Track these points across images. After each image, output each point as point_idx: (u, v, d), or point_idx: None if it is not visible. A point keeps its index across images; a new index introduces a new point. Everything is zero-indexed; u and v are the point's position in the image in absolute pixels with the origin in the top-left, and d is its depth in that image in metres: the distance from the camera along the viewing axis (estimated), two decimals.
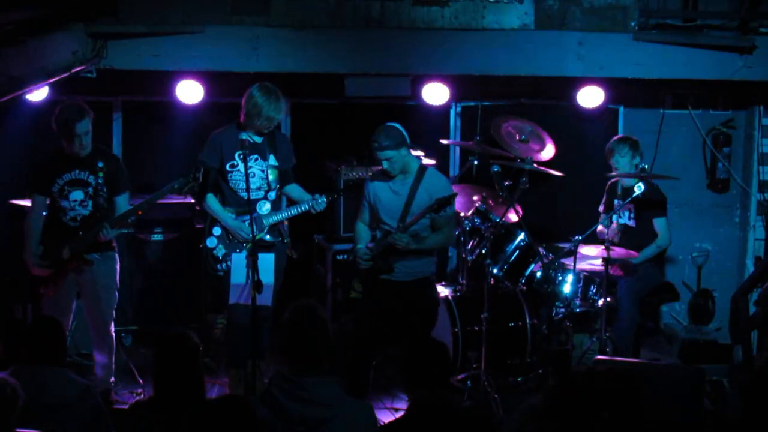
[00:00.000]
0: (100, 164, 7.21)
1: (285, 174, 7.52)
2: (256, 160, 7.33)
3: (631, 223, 8.31)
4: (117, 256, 7.44)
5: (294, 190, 7.60)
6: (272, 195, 7.45)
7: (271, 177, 7.39)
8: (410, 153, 7.23)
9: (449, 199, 6.94)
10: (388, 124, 7.13)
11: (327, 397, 4.96)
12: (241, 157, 7.22)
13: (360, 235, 7.44)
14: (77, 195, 7.17)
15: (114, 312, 7.44)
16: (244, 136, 7.19)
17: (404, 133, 7.11)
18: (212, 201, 7.40)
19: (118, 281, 7.46)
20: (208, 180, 7.30)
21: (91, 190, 7.18)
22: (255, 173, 7.32)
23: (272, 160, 7.39)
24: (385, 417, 7.31)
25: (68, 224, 7.18)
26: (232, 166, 7.31)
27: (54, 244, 7.14)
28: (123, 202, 7.33)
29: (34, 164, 7.36)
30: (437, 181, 7.26)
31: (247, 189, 7.01)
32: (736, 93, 9.61)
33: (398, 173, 7.16)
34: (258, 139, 7.34)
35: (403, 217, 7.14)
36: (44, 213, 7.25)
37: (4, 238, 8.51)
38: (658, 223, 8.25)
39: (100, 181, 7.20)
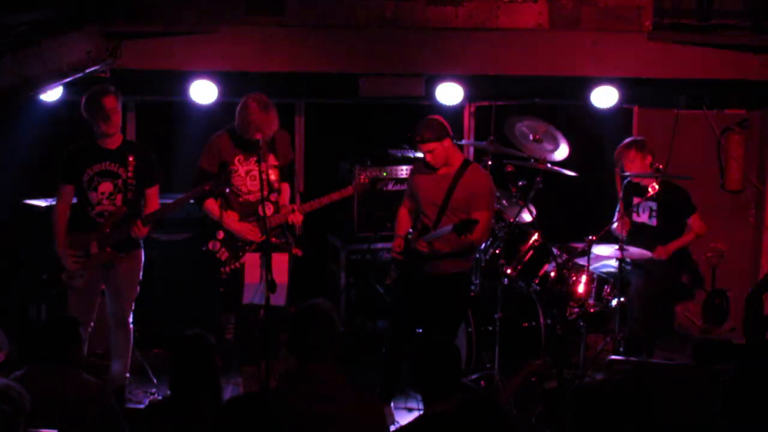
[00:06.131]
0: (131, 158, 7.18)
1: (281, 170, 7.37)
2: (256, 161, 7.14)
3: (651, 222, 8.29)
4: (142, 250, 7.43)
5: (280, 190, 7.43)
6: (274, 196, 7.34)
7: (272, 177, 7.25)
8: (453, 145, 7.21)
9: (469, 225, 6.71)
10: (430, 116, 7.15)
11: (334, 392, 4.96)
12: (240, 161, 7.19)
13: (400, 222, 7.46)
14: (106, 187, 7.15)
15: (133, 305, 7.44)
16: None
17: (446, 125, 7.12)
18: (212, 205, 7.25)
19: (141, 275, 7.44)
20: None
21: (120, 182, 7.17)
22: (255, 176, 7.16)
23: (272, 159, 7.27)
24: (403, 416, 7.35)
25: (94, 219, 7.16)
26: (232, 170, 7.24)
27: (81, 237, 7.14)
28: (153, 195, 7.32)
29: (64, 153, 7.24)
30: (478, 179, 7.20)
31: (263, 188, 6.86)
32: (750, 92, 9.56)
33: (441, 165, 7.14)
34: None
35: (442, 210, 7.11)
36: (70, 205, 7.21)
37: (19, 238, 8.53)
38: (693, 220, 8.31)
39: (130, 175, 7.17)
